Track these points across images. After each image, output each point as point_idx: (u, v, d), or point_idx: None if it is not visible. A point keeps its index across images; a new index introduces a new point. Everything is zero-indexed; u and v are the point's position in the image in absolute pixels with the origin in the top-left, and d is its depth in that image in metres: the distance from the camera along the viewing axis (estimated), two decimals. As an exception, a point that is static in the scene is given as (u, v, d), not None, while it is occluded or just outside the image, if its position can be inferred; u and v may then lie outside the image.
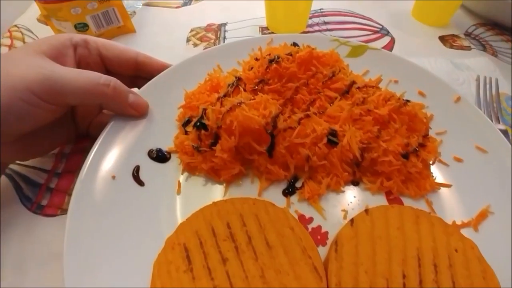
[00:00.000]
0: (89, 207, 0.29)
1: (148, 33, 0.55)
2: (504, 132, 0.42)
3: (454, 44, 0.55)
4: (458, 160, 0.36)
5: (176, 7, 0.61)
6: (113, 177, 0.32)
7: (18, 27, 0.56)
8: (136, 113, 0.35)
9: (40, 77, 0.26)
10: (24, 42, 0.54)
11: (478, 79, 0.48)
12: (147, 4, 0.62)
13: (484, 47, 0.55)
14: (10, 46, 0.53)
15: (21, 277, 0.28)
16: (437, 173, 0.35)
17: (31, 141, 0.31)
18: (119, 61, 0.36)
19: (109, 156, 0.33)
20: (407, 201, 0.33)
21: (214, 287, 0.25)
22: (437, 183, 0.34)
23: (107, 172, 0.32)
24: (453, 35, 0.57)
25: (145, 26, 0.56)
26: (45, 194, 0.34)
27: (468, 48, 0.55)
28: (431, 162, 0.35)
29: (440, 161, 0.36)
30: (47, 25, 0.52)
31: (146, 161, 0.34)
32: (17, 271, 0.29)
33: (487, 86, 0.48)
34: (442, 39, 0.56)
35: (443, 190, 0.34)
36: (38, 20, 0.57)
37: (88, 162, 0.31)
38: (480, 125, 0.37)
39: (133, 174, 0.33)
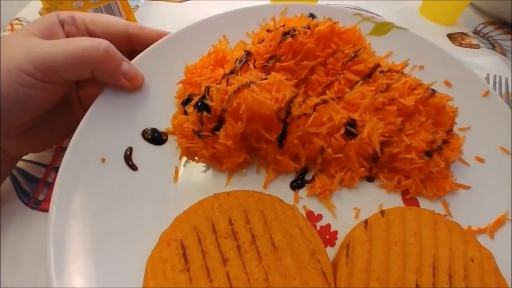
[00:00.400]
0: (74, 195, 0.26)
1: (151, 26, 0.51)
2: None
3: (462, 42, 0.53)
4: (480, 160, 0.33)
5: (180, 1, 0.59)
6: (102, 160, 0.28)
7: (20, 20, 0.55)
8: (130, 84, 0.31)
9: (29, 56, 0.25)
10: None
11: (487, 78, 0.46)
12: (150, -2, 0.59)
13: (493, 45, 0.53)
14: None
15: (16, 273, 0.27)
16: (456, 172, 0.32)
17: (41, 130, 0.30)
18: (109, 35, 0.32)
19: (98, 136, 0.29)
20: (422, 202, 0.31)
21: (213, 291, 0.23)
22: (456, 184, 0.31)
23: (95, 154, 0.28)
24: (461, 33, 0.55)
25: (148, 21, 0.55)
26: (43, 189, 0.33)
27: (477, 47, 0.53)
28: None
29: (461, 160, 0.33)
30: None
31: (140, 143, 0.30)
32: (13, 268, 0.27)
33: (497, 85, 0.45)
34: (451, 37, 0.54)
35: (460, 191, 0.32)
36: (40, 13, 0.56)
37: (73, 142, 0.27)
38: (506, 124, 0.34)
39: (125, 156, 0.29)
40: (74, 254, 0.23)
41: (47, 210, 0.29)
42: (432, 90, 0.33)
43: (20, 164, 0.34)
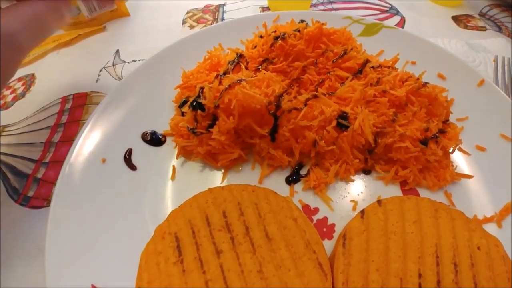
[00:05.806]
0: (75, 193, 0.27)
1: (143, 16, 0.53)
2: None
3: (468, 24, 0.52)
4: (481, 149, 0.32)
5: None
6: (103, 161, 0.29)
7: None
8: None
9: None
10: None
11: (496, 60, 0.45)
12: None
13: (499, 28, 0.52)
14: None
15: (7, 273, 0.26)
16: (458, 162, 0.32)
17: None
18: None
19: (100, 138, 0.30)
20: (423, 193, 0.30)
21: (206, 281, 0.22)
22: (457, 173, 0.30)
23: (97, 155, 0.29)
24: (467, 15, 0.54)
25: (140, 9, 0.54)
26: (32, 185, 0.32)
27: (483, 29, 0.51)
28: (450, 150, 0.32)
29: (461, 150, 0.32)
30: None
31: (140, 144, 0.32)
32: (3, 266, 0.27)
33: (505, 68, 0.44)
34: (456, 19, 0.53)
35: (463, 181, 0.31)
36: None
37: (78, 144, 0.29)
38: (505, 111, 0.33)
39: (124, 158, 0.30)
40: (73, 247, 0.24)
41: (36, 207, 0.30)
42: (424, 82, 0.33)
43: (8, 159, 0.33)
